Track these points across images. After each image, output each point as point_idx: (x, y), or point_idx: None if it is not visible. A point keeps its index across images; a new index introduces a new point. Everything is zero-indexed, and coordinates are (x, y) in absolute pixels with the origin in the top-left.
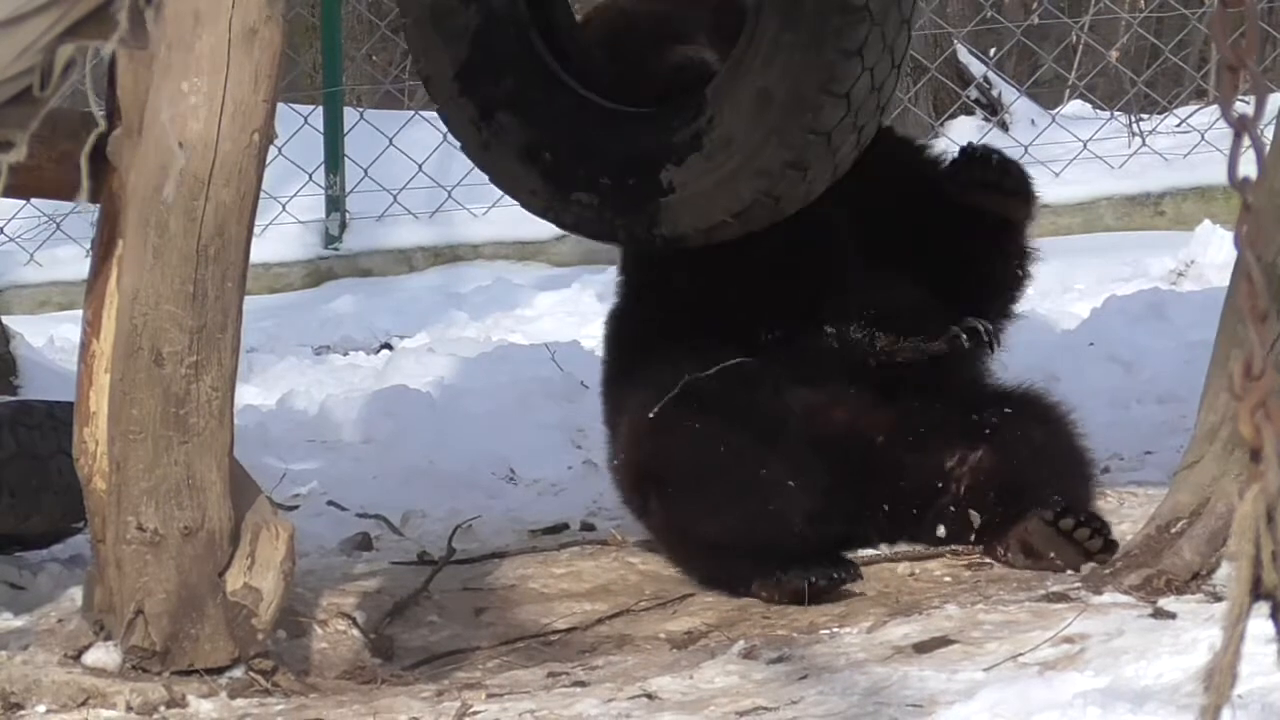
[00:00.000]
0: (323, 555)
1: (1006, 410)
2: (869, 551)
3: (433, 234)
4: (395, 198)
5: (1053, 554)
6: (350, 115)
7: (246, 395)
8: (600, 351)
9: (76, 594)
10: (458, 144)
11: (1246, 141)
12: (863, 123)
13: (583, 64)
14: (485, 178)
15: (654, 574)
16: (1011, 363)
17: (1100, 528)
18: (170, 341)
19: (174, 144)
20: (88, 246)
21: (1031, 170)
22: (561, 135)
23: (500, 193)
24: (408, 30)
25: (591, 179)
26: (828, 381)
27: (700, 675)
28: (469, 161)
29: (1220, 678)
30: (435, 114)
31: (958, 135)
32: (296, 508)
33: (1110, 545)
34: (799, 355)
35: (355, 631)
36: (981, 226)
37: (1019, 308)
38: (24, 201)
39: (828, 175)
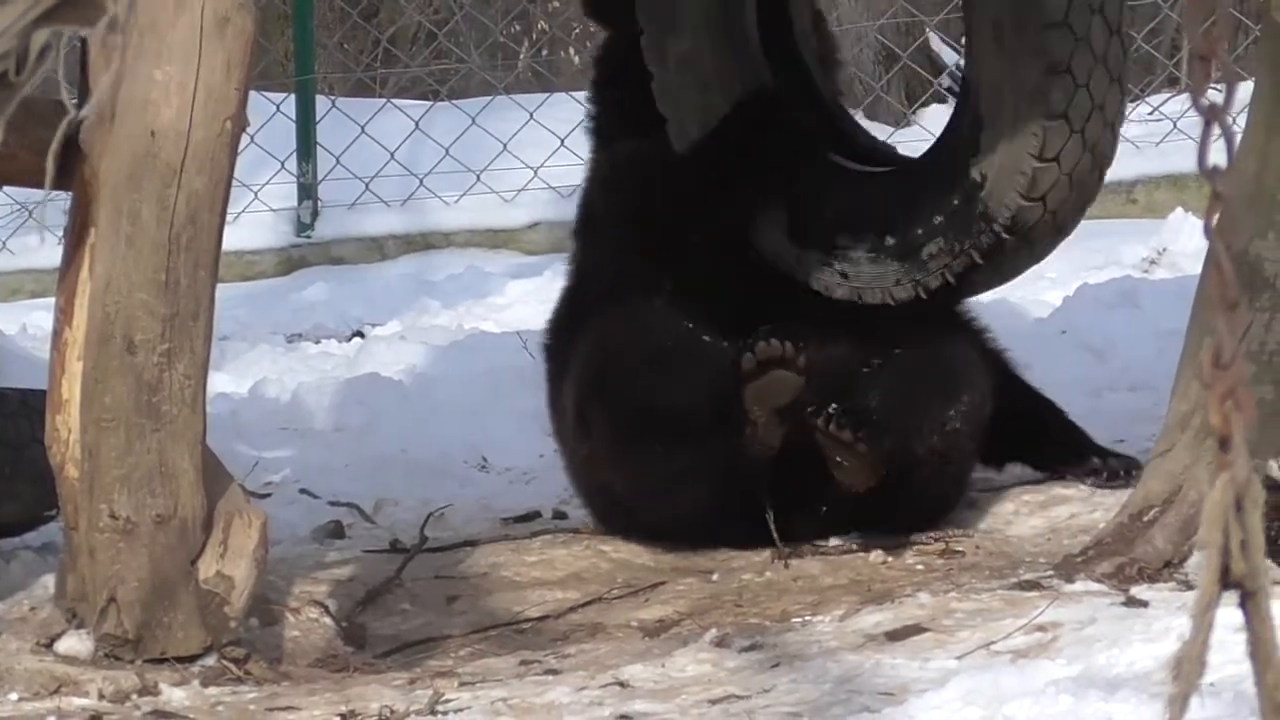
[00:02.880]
0: (295, 543)
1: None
2: (841, 540)
3: (405, 222)
4: (367, 185)
5: (838, 459)
6: (322, 103)
7: (219, 383)
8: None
9: (49, 582)
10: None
11: (1217, 130)
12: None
13: None
14: (457, 166)
15: (626, 562)
16: None
17: (857, 420)
18: (142, 329)
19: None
20: (60, 234)
21: None
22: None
23: (472, 181)
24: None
25: (927, 230)
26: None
27: (672, 663)
28: (447, 159)
29: (1189, 666)
30: (407, 101)
31: (931, 123)
32: (269, 495)
33: (864, 434)
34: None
35: (327, 619)
36: None
37: None
38: None
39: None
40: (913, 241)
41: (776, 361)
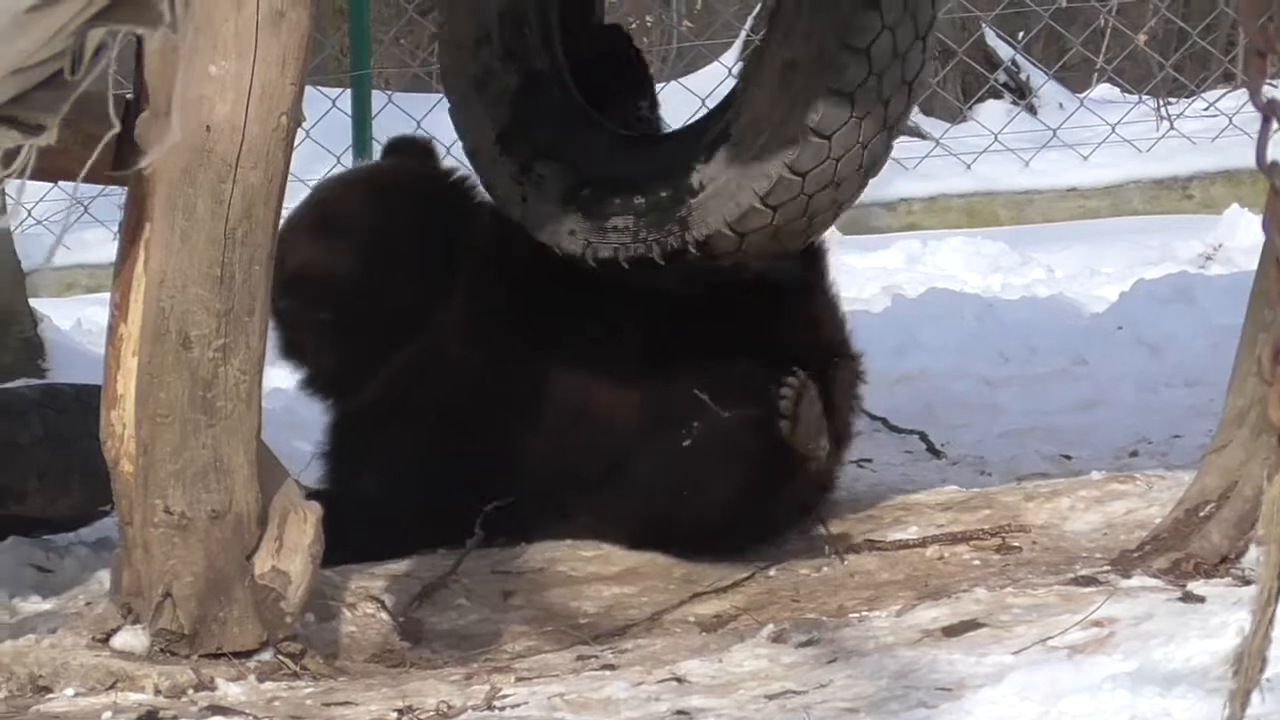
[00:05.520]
0: None
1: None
2: (898, 536)
3: None
4: None
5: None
6: (378, 98)
7: (274, 378)
8: None
9: (104, 577)
10: (501, 204)
11: (1275, 125)
12: (888, 94)
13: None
14: None
15: (682, 557)
16: (1040, 346)
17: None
18: (198, 324)
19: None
20: (115, 229)
21: (1060, 153)
22: (599, 170)
23: None
24: (452, 111)
25: (626, 203)
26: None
27: (729, 659)
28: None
29: (1249, 661)
30: None
31: (986, 119)
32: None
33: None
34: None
35: (384, 615)
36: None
37: None
38: (51, 184)
39: (855, 151)
40: (604, 207)
41: None
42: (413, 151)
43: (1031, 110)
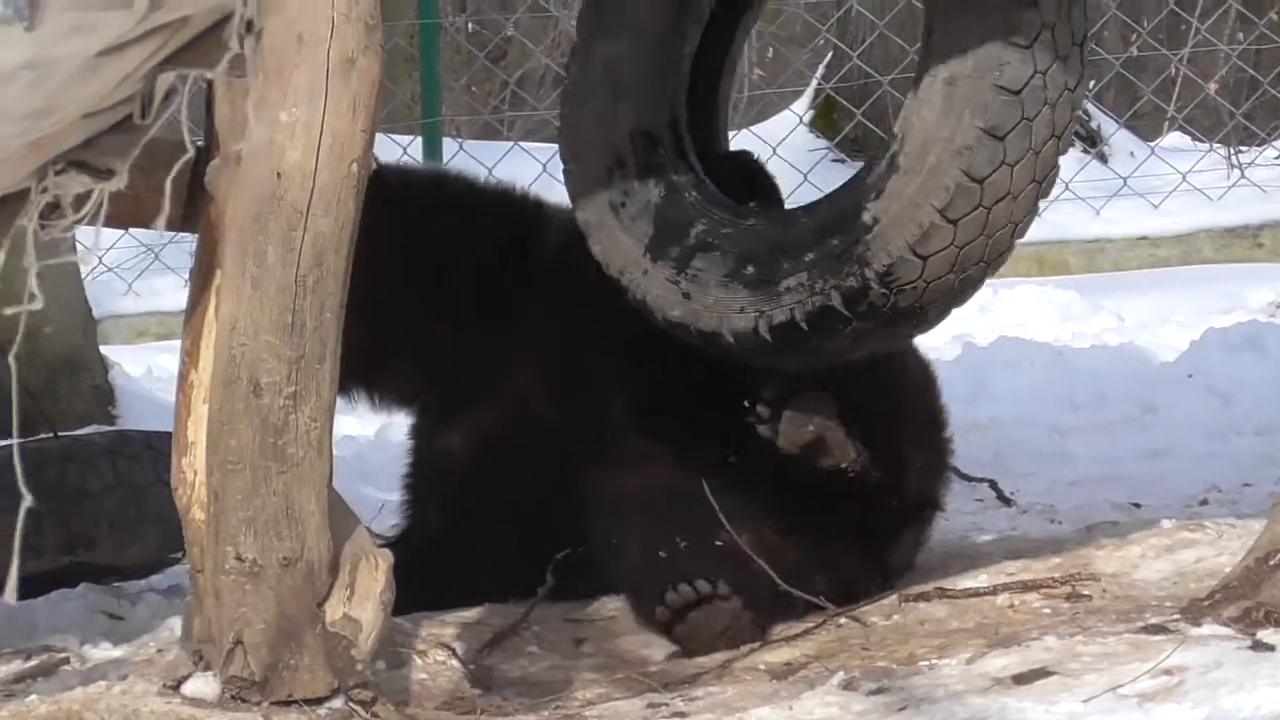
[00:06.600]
0: None
1: None
2: (969, 584)
3: None
4: None
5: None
6: (449, 146)
7: (345, 426)
8: None
9: (175, 624)
10: (657, 315)
11: None
12: (1054, 97)
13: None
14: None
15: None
16: (1111, 394)
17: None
18: (268, 372)
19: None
20: (185, 276)
21: (1131, 202)
22: (760, 245)
23: None
24: (590, 237)
25: (795, 263)
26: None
27: (800, 706)
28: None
29: None
30: (535, 144)
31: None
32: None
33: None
34: None
35: (454, 662)
36: None
37: None
38: (122, 231)
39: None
40: (773, 274)
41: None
42: None
43: (1102, 158)
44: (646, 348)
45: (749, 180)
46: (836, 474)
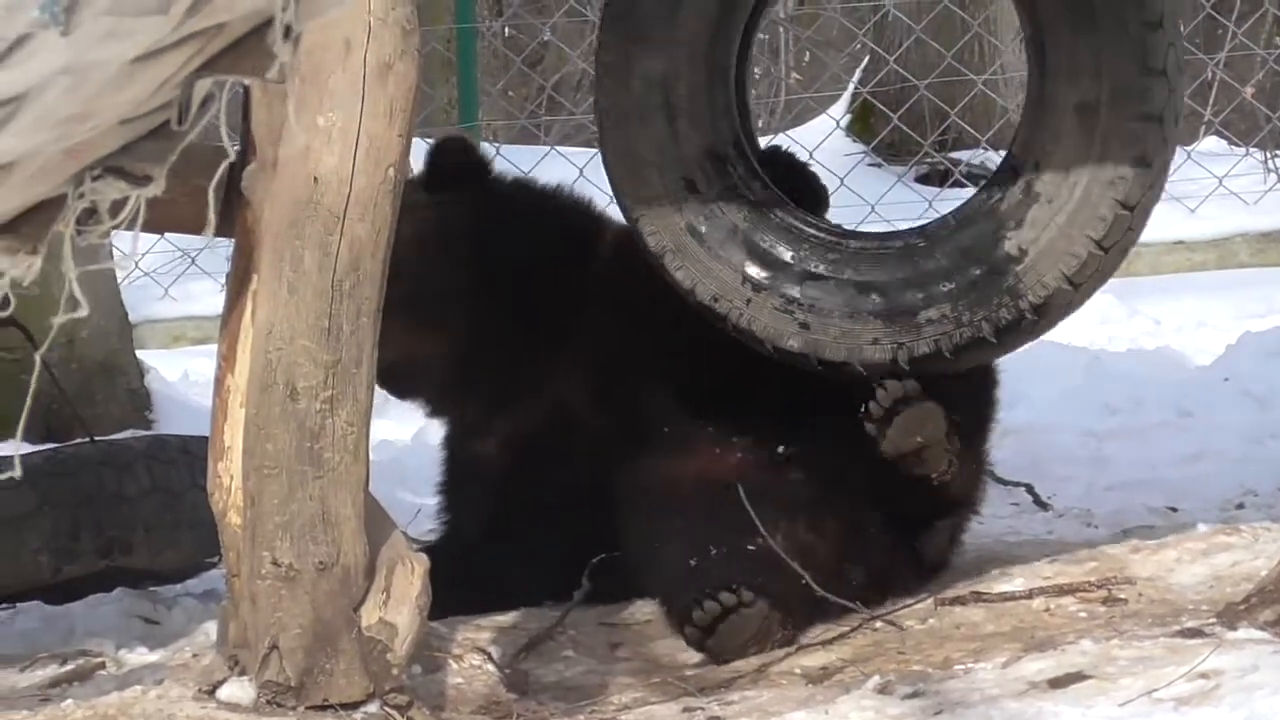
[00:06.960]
0: None
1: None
2: (1004, 588)
3: None
4: None
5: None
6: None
7: (382, 430)
8: None
9: (211, 629)
10: (766, 345)
11: None
12: (1178, 111)
13: None
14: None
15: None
16: (1147, 398)
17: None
18: (305, 376)
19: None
20: (221, 281)
21: (1167, 206)
22: (876, 274)
23: None
24: (668, 268)
25: (931, 294)
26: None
27: (835, 710)
28: (611, 205)
29: None
30: (572, 149)
31: None
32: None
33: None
34: None
35: (490, 666)
36: None
37: None
38: (158, 236)
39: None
40: (906, 304)
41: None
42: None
43: None
44: (699, 356)
45: (795, 180)
46: (921, 481)
